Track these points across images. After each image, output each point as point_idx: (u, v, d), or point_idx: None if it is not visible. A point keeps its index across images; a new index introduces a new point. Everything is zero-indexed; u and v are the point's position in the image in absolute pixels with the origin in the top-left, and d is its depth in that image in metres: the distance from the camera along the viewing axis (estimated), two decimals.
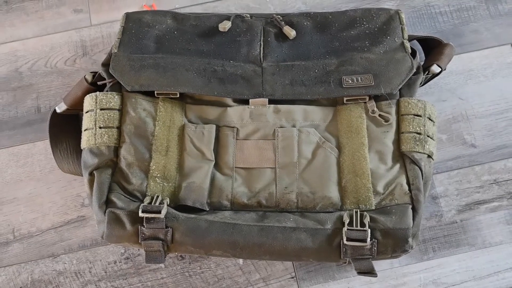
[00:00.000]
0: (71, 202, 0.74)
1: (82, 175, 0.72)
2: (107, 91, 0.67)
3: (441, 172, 0.72)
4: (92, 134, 0.64)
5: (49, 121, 0.73)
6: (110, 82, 0.67)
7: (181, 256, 0.71)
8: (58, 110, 0.72)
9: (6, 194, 0.75)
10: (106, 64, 0.69)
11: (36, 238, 0.73)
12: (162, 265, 0.71)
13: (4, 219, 0.74)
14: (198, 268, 0.70)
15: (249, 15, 0.73)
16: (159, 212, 0.58)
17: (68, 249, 0.72)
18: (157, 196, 0.61)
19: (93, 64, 0.80)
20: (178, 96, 0.66)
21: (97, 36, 0.81)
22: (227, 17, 0.72)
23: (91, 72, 0.71)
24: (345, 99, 0.64)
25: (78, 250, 0.72)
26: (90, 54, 0.81)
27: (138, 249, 0.71)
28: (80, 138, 0.74)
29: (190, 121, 0.66)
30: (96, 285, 0.70)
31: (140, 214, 0.58)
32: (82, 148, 0.66)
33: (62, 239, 0.73)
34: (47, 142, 0.76)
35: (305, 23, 0.71)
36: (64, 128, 0.74)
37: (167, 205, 0.60)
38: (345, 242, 0.57)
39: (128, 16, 0.71)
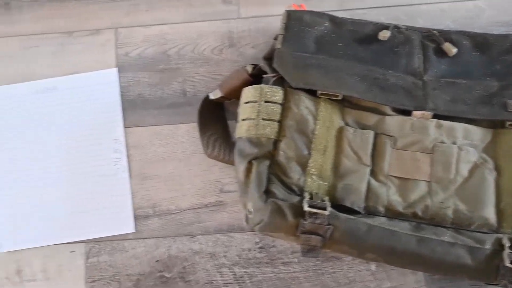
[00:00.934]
0: (210, 187, 0.78)
1: (225, 162, 0.77)
2: (271, 85, 0.70)
3: None
4: (253, 125, 0.68)
5: (200, 106, 0.78)
6: (274, 77, 0.71)
7: None
8: (211, 97, 0.77)
9: (148, 170, 0.79)
10: (267, 58, 0.73)
11: (175, 216, 0.77)
12: (295, 259, 0.74)
13: (145, 193, 0.78)
14: (330, 267, 0.74)
15: (404, 27, 0.75)
16: (325, 209, 0.62)
17: (204, 231, 0.76)
18: (316, 193, 0.64)
19: (239, 56, 0.84)
20: (339, 98, 0.69)
21: (244, 29, 0.85)
22: (384, 26, 0.75)
23: (251, 64, 0.75)
24: (507, 123, 0.67)
25: (215, 234, 0.76)
26: (237, 46, 0.85)
27: (273, 240, 0.75)
28: (226, 126, 0.79)
29: (347, 124, 0.69)
30: (229, 269, 0.74)
31: (306, 209, 0.62)
32: (238, 136, 0.70)
33: (199, 221, 0.77)
34: (190, 125, 0.81)
35: (464, 42, 0.74)
36: (212, 115, 0.79)
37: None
38: (506, 264, 0.59)
39: (290, 14, 0.75)
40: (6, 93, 0.83)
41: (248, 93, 0.70)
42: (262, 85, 0.69)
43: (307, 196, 0.64)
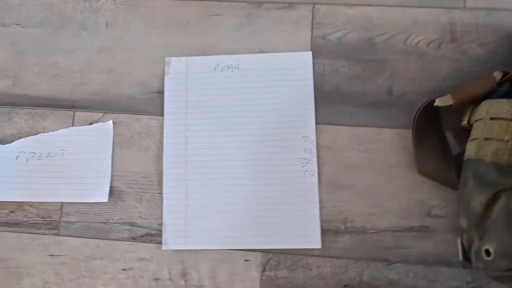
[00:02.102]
0: (415, 208, 0.70)
1: (440, 182, 0.69)
2: None
3: None
4: (506, 148, 0.60)
5: (418, 112, 0.70)
6: None
7: None
8: (438, 103, 0.68)
9: (342, 178, 0.72)
10: None
11: (370, 236, 0.70)
12: None
13: (336, 205, 0.71)
14: None
15: None
16: None
17: (404, 259, 0.69)
18: None
19: (462, 55, 0.74)
20: None
21: (470, 22, 0.75)
22: None
23: (500, 71, 0.65)
24: None
25: (416, 264, 0.69)
26: (459, 41, 0.75)
27: (488, 282, 0.67)
28: (445, 139, 0.70)
29: None
30: None
31: None
32: (475, 158, 0.61)
33: (398, 246, 0.69)
34: (396, 131, 0.73)
35: None
36: (430, 124, 0.71)
37: None
38: None
39: None
40: (182, 66, 0.77)
41: (500, 107, 0.61)
42: None
43: None
